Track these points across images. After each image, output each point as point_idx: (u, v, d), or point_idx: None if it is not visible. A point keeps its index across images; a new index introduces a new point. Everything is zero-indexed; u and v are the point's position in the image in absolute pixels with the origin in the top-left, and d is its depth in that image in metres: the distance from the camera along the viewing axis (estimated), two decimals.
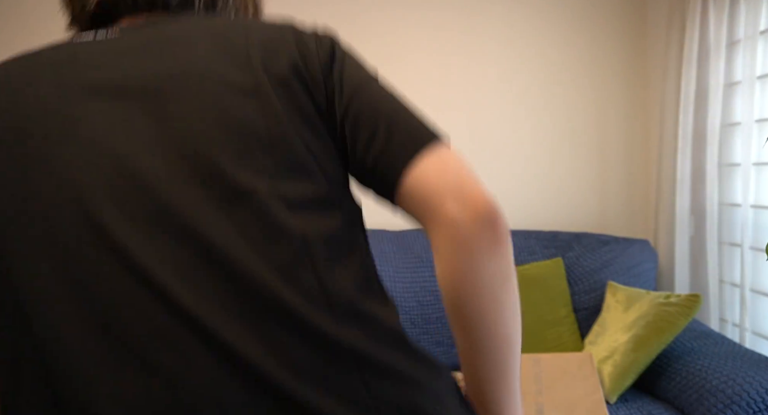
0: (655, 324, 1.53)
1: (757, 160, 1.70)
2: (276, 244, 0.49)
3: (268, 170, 0.50)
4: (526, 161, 2.25)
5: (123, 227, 0.47)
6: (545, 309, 1.86)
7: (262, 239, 0.48)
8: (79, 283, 0.47)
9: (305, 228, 0.50)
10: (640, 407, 1.47)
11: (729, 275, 1.84)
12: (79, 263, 0.47)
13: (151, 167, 0.49)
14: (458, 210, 0.51)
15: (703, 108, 1.85)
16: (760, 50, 1.67)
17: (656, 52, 2.17)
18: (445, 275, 0.53)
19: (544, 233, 2.08)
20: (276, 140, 0.51)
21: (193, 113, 0.51)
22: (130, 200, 0.48)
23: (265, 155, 0.51)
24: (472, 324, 0.54)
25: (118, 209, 0.48)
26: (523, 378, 1.53)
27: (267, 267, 0.48)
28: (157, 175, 0.49)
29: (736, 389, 1.31)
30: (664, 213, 2.04)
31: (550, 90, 2.23)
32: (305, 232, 0.50)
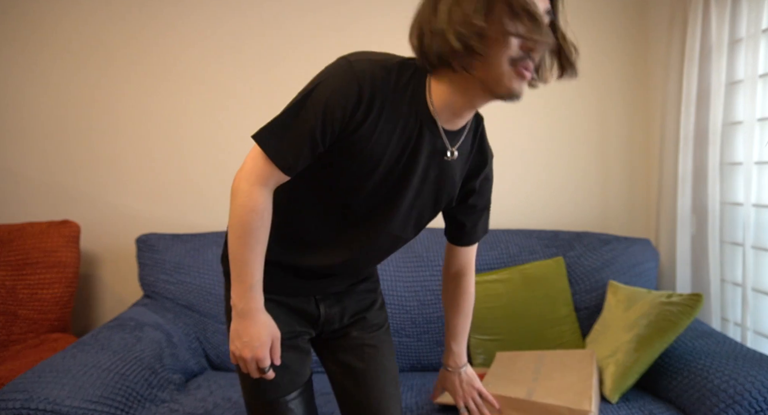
0: (657, 324, 1.53)
1: (759, 159, 1.70)
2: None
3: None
4: (527, 161, 2.25)
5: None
6: (546, 308, 1.86)
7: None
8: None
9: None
10: (641, 406, 1.47)
11: (730, 274, 1.84)
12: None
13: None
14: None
15: (705, 107, 1.85)
16: (762, 49, 1.67)
17: (658, 50, 2.16)
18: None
19: (545, 232, 2.08)
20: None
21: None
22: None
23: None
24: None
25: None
26: (523, 370, 1.53)
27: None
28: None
29: (738, 388, 1.31)
30: (665, 212, 2.04)
31: (550, 89, 2.23)
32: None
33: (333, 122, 0.91)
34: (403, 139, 0.95)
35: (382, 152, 0.94)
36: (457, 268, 1.22)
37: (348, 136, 0.93)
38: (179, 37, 2.15)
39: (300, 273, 1.10)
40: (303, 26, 2.15)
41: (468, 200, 1.12)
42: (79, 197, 2.17)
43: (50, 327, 1.90)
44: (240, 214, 0.96)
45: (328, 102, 0.89)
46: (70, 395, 1.24)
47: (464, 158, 1.05)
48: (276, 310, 1.09)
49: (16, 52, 2.12)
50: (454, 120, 0.97)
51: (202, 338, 1.83)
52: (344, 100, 0.89)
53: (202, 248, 1.94)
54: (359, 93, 0.89)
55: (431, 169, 1.00)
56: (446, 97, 0.94)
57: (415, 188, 1.01)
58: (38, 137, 2.14)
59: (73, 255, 1.96)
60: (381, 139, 0.93)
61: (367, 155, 0.94)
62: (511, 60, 0.86)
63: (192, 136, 2.17)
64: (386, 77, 0.92)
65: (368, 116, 0.91)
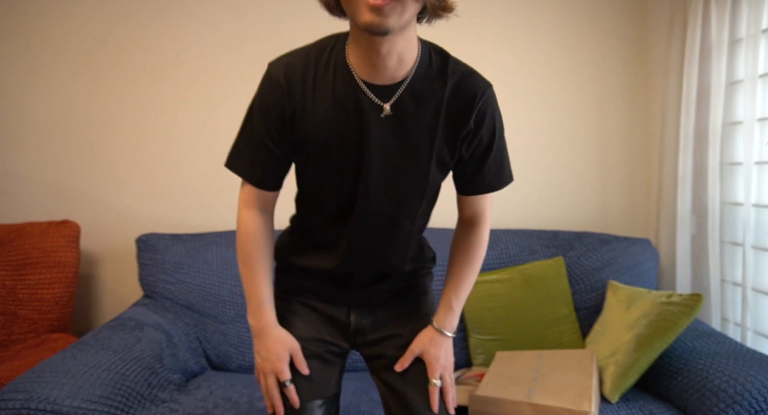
0: (658, 324, 1.53)
1: (759, 159, 1.70)
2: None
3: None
4: (527, 161, 2.25)
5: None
6: (546, 308, 1.86)
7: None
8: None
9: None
10: (641, 406, 1.47)
11: (730, 274, 1.84)
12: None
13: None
14: None
15: (705, 107, 1.85)
16: (762, 49, 1.67)
17: (658, 50, 2.16)
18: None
19: (545, 232, 2.08)
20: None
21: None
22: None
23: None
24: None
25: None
26: (523, 369, 1.53)
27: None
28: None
29: (738, 388, 1.31)
30: (665, 212, 2.04)
31: (551, 89, 2.23)
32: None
33: (273, 122, 0.97)
34: (342, 108, 0.95)
35: (328, 127, 0.96)
36: (467, 217, 1.12)
37: (292, 129, 0.98)
38: (179, 37, 2.15)
39: (326, 278, 1.10)
40: (302, 27, 2.15)
41: (463, 160, 1.03)
42: (79, 197, 2.17)
43: (50, 327, 1.90)
44: (237, 238, 1.06)
45: (262, 107, 0.98)
46: (70, 395, 1.24)
47: (430, 113, 0.96)
48: (309, 314, 1.12)
49: (16, 52, 2.12)
50: (377, 73, 0.93)
51: (202, 338, 1.83)
52: (272, 99, 0.96)
53: (202, 248, 1.94)
54: (280, 87, 0.95)
55: (381, 131, 0.95)
56: (353, 50, 0.94)
57: (375, 153, 0.96)
58: (38, 137, 2.14)
59: (73, 255, 1.96)
60: (319, 116, 0.95)
61: (315, 135, 0.96)
62: None
63: (192, 137, 2.17)
64: (304, 61, 0.96)
65: (297, 102, 0.95)
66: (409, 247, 1.11)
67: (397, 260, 1.10)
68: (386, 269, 1.11)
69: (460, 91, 0.97)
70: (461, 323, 1.87)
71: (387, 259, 1.09)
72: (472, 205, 1.10)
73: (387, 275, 1.12)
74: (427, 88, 0.96)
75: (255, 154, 1.01)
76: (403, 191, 1.01)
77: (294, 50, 0.99)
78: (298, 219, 1.13)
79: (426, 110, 0.96)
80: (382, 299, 1.14)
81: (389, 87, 0.94)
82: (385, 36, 0.85)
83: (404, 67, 0.94)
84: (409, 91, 0.95)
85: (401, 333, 1.12)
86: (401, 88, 0.94)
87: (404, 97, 0.95)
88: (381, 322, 1.13)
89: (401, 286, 1.15)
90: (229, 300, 1.87)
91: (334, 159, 0.98)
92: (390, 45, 0.88)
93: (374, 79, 0.94)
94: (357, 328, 1.13)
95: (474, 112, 0.98)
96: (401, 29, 0.86)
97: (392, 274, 1.12)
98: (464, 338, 1.87)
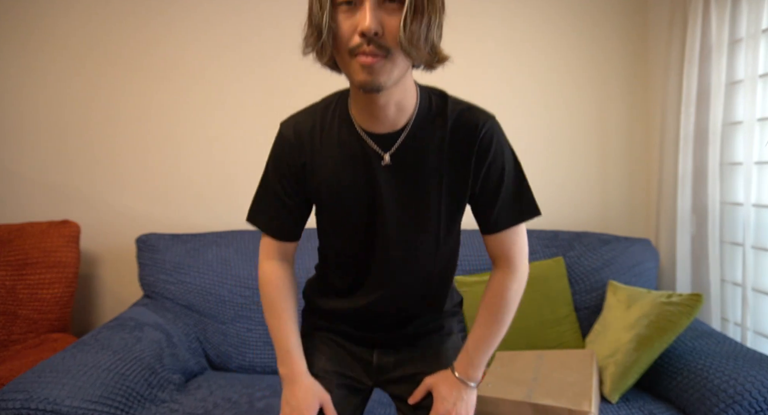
0: (658, 324, 1.53)
1: (759, 159, 1.70)
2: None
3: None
4: (527, 160, 2.22)
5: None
6: (546, 308, 1.85)
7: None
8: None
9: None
10: (641, 406, 1.47)
11: (730, 274, 1.84)
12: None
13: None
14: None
15: (705, 107, 1.84)
16: (762, 49, 1.67)
17: (658, 50, 2.16)
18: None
19: (545, 232, 2.08)
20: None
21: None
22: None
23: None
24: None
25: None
26: (523, 369, 1.54)
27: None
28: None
29: (738, 388, 1.31)
30: (665, 212, 2.04)
31: (551, 89, 2.23)
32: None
33: (286, 176, 1.03)
34: (348, 158, 0.98)
35: (337, 178, 0.99)
36: (494, 259, 1.08)
37: (305, 181, 1.02)
38: (178, 37, 2.15)
39: (351, 321, 1.11)
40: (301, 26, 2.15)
41: (476, 194, 1.02)
42: (79, 197, 2.17)
43: (50, 327, 1.90)
44: (261, 289, 1.09)
45: (275, 164, 1.04)
46: (70, 395, 1.24)
47: (433, 155, 0.97)
48: (332, 349, 1.13)
49: (15, 52, 2.12)
50: (378, 123, 0.95)
51: (202, 338, 1.83)
52: (283, 155, 1.02)
53: (202, 248, 1.94)
54: (290, 144, 1.01)
55: (387, 178, 0.97)
56: (354, 103, 0.97)
57: (386, 200, 0.98)
58: (38, 137, 2.14)
59: (73, 255, 1.96)
60: (328, 167, 0.99)
61: (326, 186, 1.00)
62: (350, 51, 0.83)
63: (192, 137, 2.17)
64: (311, 118, 1.01)
65: (306, 156, 1.00)
66: (433, 290, 1.10)
67: (420, 304, 1.10)
68: (410, 312, 1.10)
69: (461, 126, 0.97)
70: (461, 324, 1.87)
71: (409, 303, 1.09)
72: (495, 246, 1.04)
73: (411, 319, 1.11)
74: (428, 132, 0.97)
75: (272, 208, 1.06)
76: (417, 235, 1.02)
77: (302, 109, 1.04)
78: (321, 267, 1.17)
79: (429, 153, 0.97)
80: (406, 340, 1.14)
81: (391, 135, 0.96)
82: (380, 92, 0.87)
83: (404, 115, 0.95)
84: (411, 137, 0.96)
85: (424, 371, 1.11)
86: (403, 134, 0.96)
87: (406, 143, 0.96)
88: (404, 360, 1.13)
89: (426, 328, 1.14)
90: (229, 300, 1.87)
91: (346, 208, 1.01)
92: (387, 97, 0.90)
93: (376, 128, 0.96)
94: (380, 365, 1.13)
95: (477, 142, 0.97)
96: (395, 83, 0.87)
97: (416, 318, 1.11)
98: (464, 338, 1.87)
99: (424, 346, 1.14)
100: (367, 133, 0.96)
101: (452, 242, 1.08)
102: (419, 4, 0.80)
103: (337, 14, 0.83)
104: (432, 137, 0.97)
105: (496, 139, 0.99)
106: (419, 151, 0.96)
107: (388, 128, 0.96)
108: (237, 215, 2.17)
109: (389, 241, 1.01)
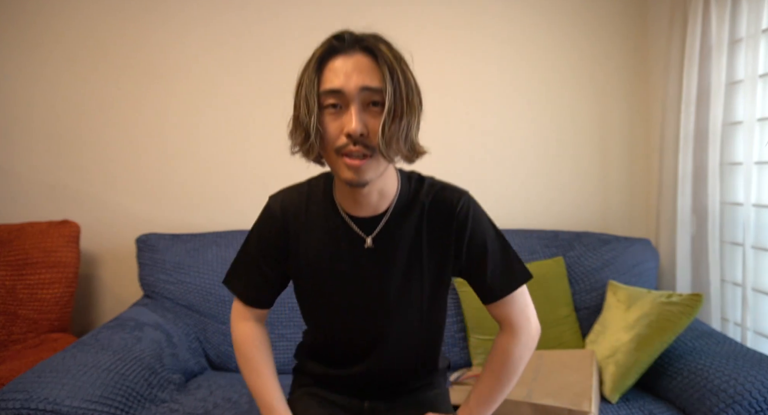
0: (658, 324, 1.53)
1: (759, 159, 1.70)
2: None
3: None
4: (527, 160, 2.25)
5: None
6: (546, 308, 1.85)
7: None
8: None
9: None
10: (641, 406, 1.47)
11: (730, 274, 1.84)
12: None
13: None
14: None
15: (705, 107, 1.84)
16: (762, 49, 1.67)
17: (658, 50, 2.16)
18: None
19: (545, 232, 2.07)
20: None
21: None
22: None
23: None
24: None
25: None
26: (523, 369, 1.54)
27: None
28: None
29: (738, 388, 1.31)
30: (665, 212, 2.04)
31: (551, 89, 2.23)
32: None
33: (268, 248, 1.06)
34: (331, 240, 1.03)
35: (319, 258, 1.03)
36: (498, 323, 1.10)
37: (287, 257, 1.06)
38: (176, 37, 2.15)
39: (345, 384, 1.14)
40: (297, 23, 2.15)
41: (464, 270, 1.06)
42: (79, 197, 2.17)
43: (50, 327, 1.90)
44: (236, 348, 1.12)
45: (259, 234, 1.07)
46: (69, 395, 1.24)
47: (412, 234, 1.02)
48: (322, 402, 1.14)
49: (14, 52, 2.12)
50: (360, 208, 1.01)
51: (202, 338, 1.83)
52: (268, 229, 1.06)
53: (202, 248, 1.94)
54: (276, 219, 1.05)
55: (369, 259, 1.02)
56: (339, 189, 1.03)
57: (368, 280, 1.02)
58: (38, 137, 2.14)
59: (73, 255, 1.96)
60: (311, 246, 1.04)
61: (307, 264, 1.04)
62: (336, 150, 0.89)
63: (192, 137, 2.17)
64: (297, 197, 1.06)
65: (291, 233, 1.04)
66: (420, 359, 1.13)
67: (408, 372, 1.13)
68: (398, 380, 1.13)
69: (437, 205, 1.02)
70: (461, 323, 1.87)
71: (397, 372, 1.12)
72: (496, 312, 1.07)
73: (400, 384, 1.14)
74: (408, 215, 1.02)
75: (249, 276, 1.09)
76: (401, 313, 1.05)
77: (291, 186, 1.09)
78: (309, 335, 1.20)
79: (410, 235, 1.02)
80: (398, 394, 1.16)
81: (374, 219, 1.01)
82: (365, 187, 0.94)
83: (386, 200, 1.01)
84: (393, 220, 1.01)
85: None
86: (384, 218, 1.01)
87: (388, 226, 1.01)
88: (397, 407, 1.14)
89: (415, 386, 1.17)
90: (229, 300, 1.87)
91: (328, 288, 1.05)
92: (370, 186, 0.96)
93: (359, 212, 1.01)
94: (371, 408, 1.15)
95: (454, 219, 1.02)
96: (379, 176, 0.94)
97: (405, 383, 1.15)
98: (464, 338, 1.87)
99: (417, 396, 1.16)
100: (351, 217, 1.02)
101: (438, 316, 1.11)
102: (398, 109, 0.86)
103: (323, 117, 0.88)
104: (412, 219, 1.02)
105: (472, 214, 1.03)
106: (400, 234, 1.02)
107: (370, 212, 1.01)
108: (237, 215, 2.17)
109: (373, 318, 1.05)
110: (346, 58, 0.87)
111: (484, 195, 2.37)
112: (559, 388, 1.38)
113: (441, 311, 1.11)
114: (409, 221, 1.02)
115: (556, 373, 1.48)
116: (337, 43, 0.88)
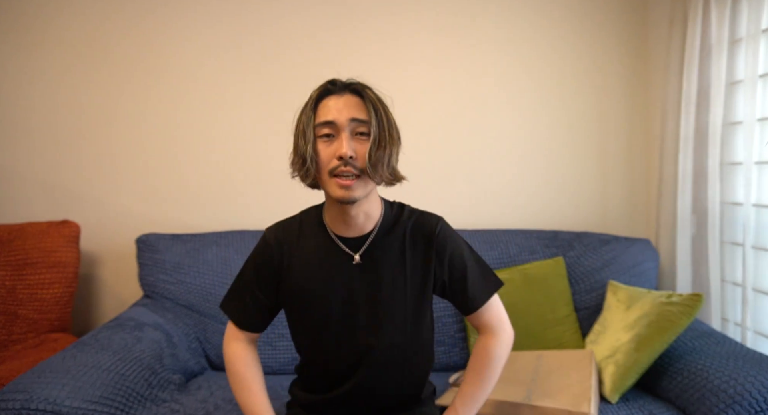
0: (658, 324, 1.53)
1: (759, 159, 1.70)
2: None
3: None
4: (527, 161, 2.25)
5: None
6: (546, 308, 1.85)
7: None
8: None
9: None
10: (641, 406, 1.46)
11: (731, 274, 1.84)
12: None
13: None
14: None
15: (705, 107, 1.84)
16: (762, 49, 1.67)
17: (658, 50, 2.16)
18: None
19: (545, 232, 2.08)
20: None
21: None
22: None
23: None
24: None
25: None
26: (523, 370, 1.53)
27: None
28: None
29: (738, 388, 1.31)
30: (665, 212, 2.04)
31: (551, 89, 2.23)
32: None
33: (263, 276, 1.17)
34: (322, 259, 1.14)
35: (312, 278, 1.14)
36: (479, 330, 1.23)
37: (280, 282, 1.16)
38: (178, 38, 2.15)
39: (334, 406, 1.19)
40: (301, 25, 2.15)
41: (446, 286, 1.18)
42: (79, 197, 2.17)
43: (50, 327, 1.90)
44: (227, 366, 1.20)
45: (255, 263, 1.19)
46: (70, 395, 1.24)
47: (396, 253, 1.14)
48: None
49: (15, 51, 2.12)
50: (348, 228, 1.13)
51: (202, 338, 1.83)
52: (263, 258, 1.18)
53: (202, 248, 1.94)
54: (271, 248, 1.17)
55: (356, 276, 1.13)
56: (329, 212, 1.15)
57: (355, 295, 1.13)
58: (38, 137, 2.14)
59: (73, 255, 1.96)
60: (304, 268, 1.14)
61: (300, 286, 1.14)
62: (329, 171, 1.03)
63: (192, 137, 2.17)
64: (291, 224, 1.19)
65: (285, 260, 1.16)
66: (408, 380, 1.20)
67: (397, 394, 1.20)
68: (387, 404, 1.20)
69: (419, 227, 1.17)
70: (461, 323, 1.88)
71: (382, 389, 1.18)
72: (477, 321, 1.21)
73: (387, 400, 1.20)
74: (391, 235, 1.15)
75: (245, 301, 1.19)
76: (386, 323, 1.14)
77: (286, 218, 1.21)
78: (301, 366, 1.27)
79: (393, 252, 1.15)
80: (389, 410, 1.22)
81: (360, 238, 1.14)
82: (354, 204, 1.06)
83: (371, 221, 1.14)
84: (378, 239, 1.14)
85: None
86: (370, 237, 1.14)
87: (374, 244, 1.14)
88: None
89: (405, 405, 1.23)
90: None
91: (319, 305, 1.14)
92: (357, 208, 1.09)
93: (347, 233, 1.14)
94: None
95: (434, 241, 1.16)
96: (365, 196, 1.07)
97: (391, 401, 1.21)
98: (464, 338, 1.87)
99: (407, 410, 1.23)
100: (339, 237, 1.14)
101: (423, 334, 1.19)
102: (382, 139, 1.03)
103: (318, 145, 1.04)
104: (396, 238, 1.15)
105: (449, 235, 1.18)
106: (385, 251, 1.14)
107: (357, 233, 1.13)
108: (237, 215, 2.17)
109: (363, 331, 1.13)
110: (338, 97, 1.04)
111: (484, 195, 2.37)
112: (558, 389, 1.38)
113: (427, 331, 1.19)
114: (393, 239, 1.15)
115: (555, 373, 1.48)
116: (330, 86, 1.06)
